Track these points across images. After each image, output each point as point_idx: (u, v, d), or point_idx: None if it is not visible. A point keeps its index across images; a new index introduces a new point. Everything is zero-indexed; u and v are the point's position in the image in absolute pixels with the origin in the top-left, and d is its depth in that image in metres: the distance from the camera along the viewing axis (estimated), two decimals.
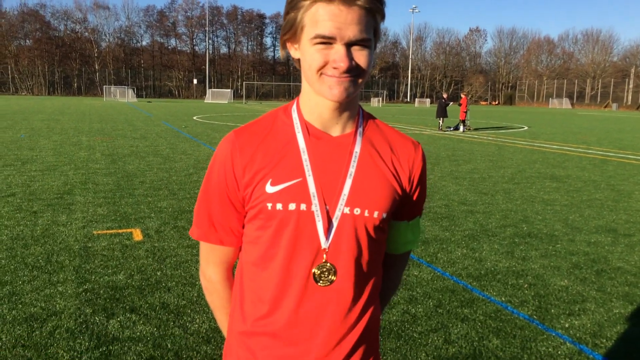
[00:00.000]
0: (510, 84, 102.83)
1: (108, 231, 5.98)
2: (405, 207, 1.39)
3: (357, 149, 1.30)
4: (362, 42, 1.15)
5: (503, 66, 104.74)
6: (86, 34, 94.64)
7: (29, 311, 3.88)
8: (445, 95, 24.39)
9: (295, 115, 1.31)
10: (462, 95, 24.46)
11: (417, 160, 1.37)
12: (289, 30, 1.21)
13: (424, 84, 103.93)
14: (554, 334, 3.71)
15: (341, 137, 1.30)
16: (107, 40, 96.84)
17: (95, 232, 5.91)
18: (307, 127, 1.29)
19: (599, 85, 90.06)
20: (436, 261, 5.21)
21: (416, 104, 74.98)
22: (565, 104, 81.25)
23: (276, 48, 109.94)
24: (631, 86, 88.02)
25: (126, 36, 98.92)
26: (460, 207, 7.61)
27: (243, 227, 1.35)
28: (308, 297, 1.27)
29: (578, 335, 3.72)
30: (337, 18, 1.11)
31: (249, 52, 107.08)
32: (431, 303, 4.19)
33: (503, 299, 4.32)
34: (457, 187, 9.19)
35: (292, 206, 1.24)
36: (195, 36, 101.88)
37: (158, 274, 4.71)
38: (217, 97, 70.21)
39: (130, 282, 4.49)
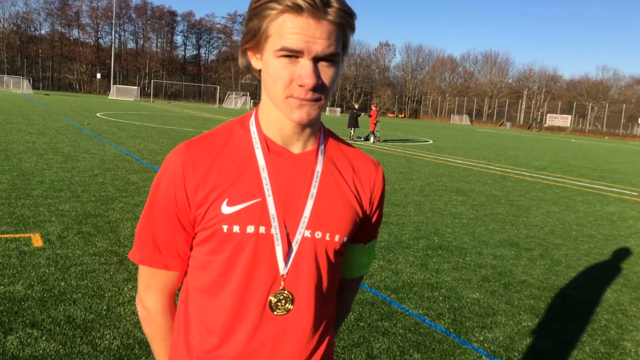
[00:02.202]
0: (415, 99, 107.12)
1: (3, 235, 5.46)
2: (364, 229, 1.34)
3: (319, 168, 1.22)
4: (330, 57, 1.08)
5: (410, 81, 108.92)
6: None
7: None
8: (356, 106, 24.89)
9: (253, 128, 1.22)
10: (373, 107, 25.10)
11: (378, 181, 1.33)
12: (252, 38, 1.12)
13: (335, 93, 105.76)
14: (470, 347, 3.83)
15: (302, 154, 1.22)
16: (1, 25, 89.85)
17: None
18: (266, 143, 1.20)
19: (496, 105, 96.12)
20: None
21: (327, 113, 76.06)
22: (465, 120, 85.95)
23: (187, 47, 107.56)
24: (523, 107, 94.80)
25: (23, 23, 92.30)
26: None
27: (191, 249, 1.23)
28: (263, 327, 1.18)
29: (492, 348, 3.86)
30: (305, 31, 1.04)
31: (158, 50, 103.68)
32: (352, 316, 4.18)
33: (420, 311, 4.41)
34: None
35: (250, 229, 1.14)
36: (100, 28, 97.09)
37: (62, 284, 4.35)
38: (123, 94, 67.22)
39: (30, 294, 4.11)
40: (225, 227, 1.14)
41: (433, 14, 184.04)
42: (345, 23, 1.09)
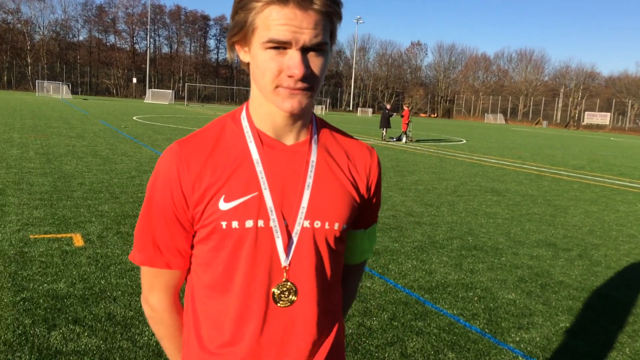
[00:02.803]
0: (448, 98, 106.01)
1: (46, 235, 5.65)
2: (363, 215, 1.34)
3: (314, 157, 1.23)
4: (318, 47, 1.08)
5: (442, 80, 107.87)
6: (19, 25, 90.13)
7: None
8: (388, 106, 24.78)
9: (245, 122, 1.22)
10: (405, 107, 24.96)
11: (374, 166, 1.33)
12: (239, 32, 1.12)
13: (367, 94, 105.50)
14: (506, 348, 3.78)
15: (296, 145, 1.22)
16: (41, 33, 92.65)
17: (32, 237, 5.56)
18: (259, 136, 1.20)
19: (531, 103, 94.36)
20: (388, 273, 5.23)
21: (359, 113, 75.96)
22: (500, 119, 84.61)
23: (220, 51, 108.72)
24: (560, 105, 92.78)
25: (62, 30, 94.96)
26: (407, 218, 7.70)
27: (192, 247, 1.23)
28: (270, 321, 1.19)
29: (529, 349, 3.81)
30: (291, 22, 1.04)
31: (192, 54, 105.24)
32: (386, 316, 4.18)
33: (455, 311, 4.38)
34: (403, 198, 9.31)
35: (249, 223, 1.15)
36: (136, 34, 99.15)
37: (102, 282, 4.48)
38: (158, 98, 68.50)
39: (72, 291, 4.24)
40: (224, 224, 1.14)
41: (466, 12, 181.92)
42: (332, 12, 1.08)
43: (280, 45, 1.06)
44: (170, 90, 73.16)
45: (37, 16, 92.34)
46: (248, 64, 1.15)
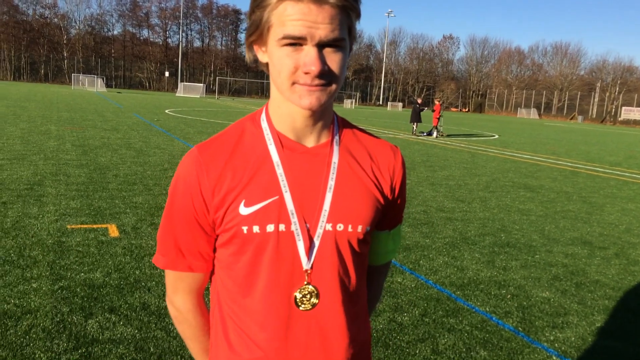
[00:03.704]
0: (480, 92, 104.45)
1: (82, 226, 5.78)
2: (388, 216, 1.32)
3: (335, 159, 1.20)
4: (335, 43, 1.05)
5: (474, 74, 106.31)
6: (55, 19, 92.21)
7: (2, 308, 3.70)
8: (419, 101, 24.57)
9: (265, 124, 1.20)
10: (436, 102, 24.71)
11: (398, 167, 1.30)
12: (255, 30, 1.10)
13: (397, 88, 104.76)
14: (540, 347, 3.72)
15: (317, 147, 1.20)
16: (77, 27, 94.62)
17: (69, 227, 5.70)
18: (279, 138, 1.18)
19: (566, 98, 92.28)
20: (419, 268, 5.19)
21: (389, 108, 75.46)
22: (533, 114, 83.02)
23: None
24: (596, 100, 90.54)
25: (97, 24, 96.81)
26: (438, 214, 7.63)
27: (214, 250, 1.23)
28: (294, 325, 1.18)
29: (563, 348, 3.74)
30: (306, 17, 1.01)
31: (223, 48, 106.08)
32: (417, 312, 4.16)
33: (487, 309, 4.33)
34: (434, 194, 9.23)
35: (270, 227, 1.14)
36: (168, 28, 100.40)
37: (137, 272, 4.57)
38: (189, 91, 69.33)
39: (108, 281, 4.33)
40: (245, 229, 1.13)
41: (500, 5, 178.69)
42: (348, 6, 1.05)
43: (296, 42, 1.04)
44: (202, 84, 73.97)
45: (73, 11, 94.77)
46: (266, 64, 1.14)
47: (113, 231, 5.67)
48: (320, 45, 1.05)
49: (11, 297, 3.89)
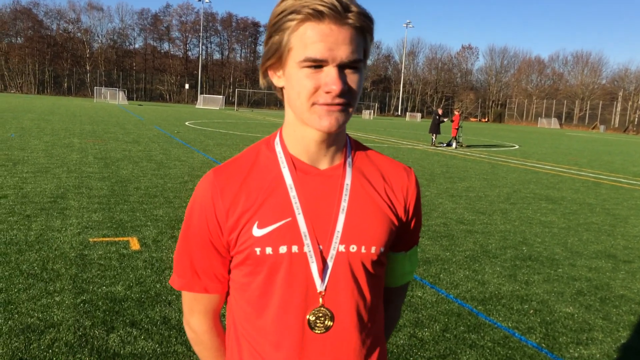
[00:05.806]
0: (500, 102, 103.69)
1: (104, 239, 5.85)
2: (403, 237, 1.32)
3: (348, 181, 1.21)
4: (353, 64, 1.08)
5: (494, 84, 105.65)
6: (79, 34, 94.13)
7: (25, 322, 3.75)
8: (440, 111, 24.46)
9: (279, 148, 1.22)
10: (455, 112, 24.58)
11: (411, 188, 1.30)
12: (273, 54, 1.12)
13: (415, 99, 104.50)
14: None
15: (330, 169, 1.21)
16: (99, 41, 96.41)
17: (91, 240, 5.77)
18: (292, 161, 1.20)
19: (588, 107, 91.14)
20: (439, 282, 5.15)
21: (407, 118, 75.25)
22: (554, 123, 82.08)
23: None
24: (619, 109, 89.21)
25: (119, 38, 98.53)
26: (458, 226, 7.56)
27: (229, 272, 1.25)
28: (307, 348, 1.17)
29: None
30: (328, 38, 1.04)
31: (242, 60, 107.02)
32: (437, 327, 4.11)
33: (510, 324, 4.26)
34: (454, 205, 9.16)
35: (283, 249, 1.15)
36: (188, 41, 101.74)
37: (157, 286, 4.60)
38: (209, 103, 69.97)
39: (129, 294, 4.37)
40: (258, 250, 1.15)
41: (518, 14, 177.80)
42: (365, 27, 1.08)
43: (317, 64, 1.06)
44: (221, 96, 74.57)
45: (96, 25, 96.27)
46: (281, 88, 1.16)
47: (134, 244, 5.73)
48: (341, 66, 1.07)
49: (35, 310, 3.94)
